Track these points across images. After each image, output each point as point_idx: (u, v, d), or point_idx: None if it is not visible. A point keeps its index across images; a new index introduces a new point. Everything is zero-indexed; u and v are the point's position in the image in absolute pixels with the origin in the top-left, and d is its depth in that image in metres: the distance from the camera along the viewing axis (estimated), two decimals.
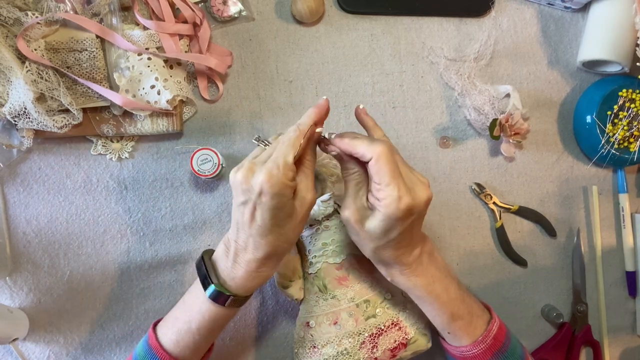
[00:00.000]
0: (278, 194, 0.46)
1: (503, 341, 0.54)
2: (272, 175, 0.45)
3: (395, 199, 0.46)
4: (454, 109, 0.69)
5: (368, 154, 0.47)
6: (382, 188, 0.46)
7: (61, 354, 0.63)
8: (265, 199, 0.46)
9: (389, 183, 0.46)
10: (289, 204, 0.47)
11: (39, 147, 0.64)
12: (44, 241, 0.64)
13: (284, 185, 0.46)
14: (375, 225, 0.48)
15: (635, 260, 0.71)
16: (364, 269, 0.58)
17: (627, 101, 0.67)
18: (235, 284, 0.50)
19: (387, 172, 0.46)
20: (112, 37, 0.60)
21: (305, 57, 0.68)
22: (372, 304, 0.56)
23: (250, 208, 0.47)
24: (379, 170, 0.46)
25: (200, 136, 0.66)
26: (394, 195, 0.46)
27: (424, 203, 0.48)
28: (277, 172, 0.46)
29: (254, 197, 0.46)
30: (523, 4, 0.71)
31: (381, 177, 0.46)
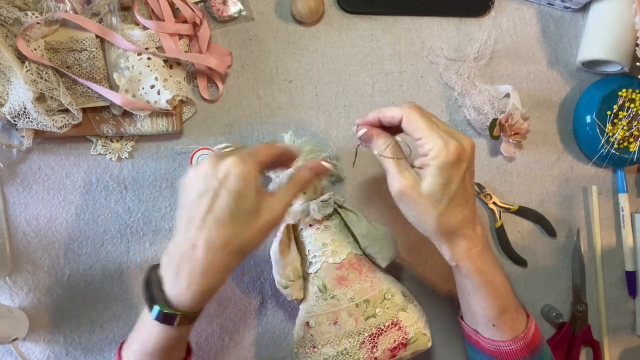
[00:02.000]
0: (244, 178, 0.44)
1: (539, 341, 0.54)
2: (243, 159, 0.44)
3: (441, 145, 0.46)
4: (454, 108, 0.69)
5: (397, 113, 0.48)
6: (425, 141, 0.46)
7: (61, 354, 0.63)
8: (230, 182, 0.43)
9: (430, 134, 0.46)
10: (252, 197, 0.44)
11: (38, 147, 0.64)
12: (44, 241, 0.64)
13: (251, 172, 0.44)
14: (431, 182, 0.47)
15: (635, 260, 0.71)
16: (364, 268, 0.58)
17: (627, 101, 0.67)
18: (180, 300, 0.45)
19: (423, 124, 0.47)
20: (112, 37, 0.60)
21: (305, 57, 0.68)
22: (372, 304, 0.56)
23: (209, 196, 0.44)
24: (415, 124, 0.47)
25: (200, 136, 0.66)
26: (439, 142, 0.46)
27: (470, 147, 0.48)
28: (248, 158, 0.45)
29: (216, 183, 0.44)
30: (523, 4, 0.71)
31: (420, 131, 0.47)
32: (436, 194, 0.47)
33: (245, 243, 0.45)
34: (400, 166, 0.49)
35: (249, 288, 0.66)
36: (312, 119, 0.67)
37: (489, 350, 0.54)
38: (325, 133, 0.67)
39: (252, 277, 0.66)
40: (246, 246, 0.46)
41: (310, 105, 0.67)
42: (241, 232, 0.45)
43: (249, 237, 0.45)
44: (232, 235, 0.44)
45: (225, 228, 0.44)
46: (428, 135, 0.46)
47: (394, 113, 0.49)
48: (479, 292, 0.52)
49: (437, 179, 0.46)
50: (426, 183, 0.47)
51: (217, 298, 0.66)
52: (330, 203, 0.58)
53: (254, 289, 0.66)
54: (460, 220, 0.49)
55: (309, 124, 0.67)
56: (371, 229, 0.59)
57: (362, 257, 0.59)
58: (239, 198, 0.44)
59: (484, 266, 0.51)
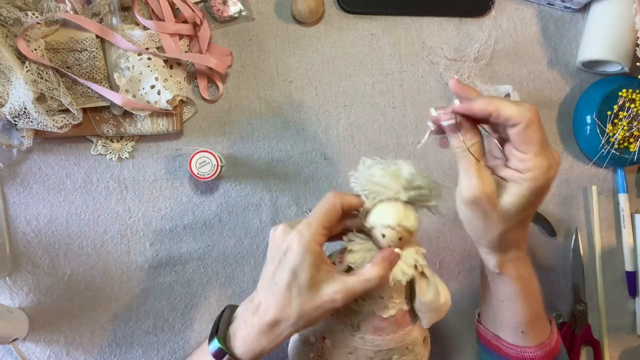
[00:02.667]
0: (301, 253, 0.43)
1: (560, 346, 0.54)
2: (301, 235, 0.44)
3: (545, 169, 0.41)
4: None
5: (517, 117, 0.41)
6: (529, 158, 0.41)
7: (61, 354, 0.63)
8: (289, 255, 0.44)
9: (539, 153, 0.41)
10: (309, 273, 0.44)
11: (39, 147, 0.64)
12: (44, 241, 0.64)
13: (309, 247, 0.43)
14: (514, 201, 0.43)
15: (635, 260, 0.71)
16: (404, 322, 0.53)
17: (627, 101, 0.67)
18: (237, 343, 0.46)
19: (539, 140, 0.41)
20: (112, 37, 0.60)
21: (305, 57, 0.68)
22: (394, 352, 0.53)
23: (275, 264, 0.45)
24: (528, 138, 0.41)
25: (200, 136, 0.66)
26: (544, 165, 0.41)
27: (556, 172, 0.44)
28: (307, 232, 0.44)
29: (280, 254, 0.44)
30: (523, 4, 0.71)
31: (530, 146, 0.41)
32: (514, 212, 0.43)
33: (298, 317, 0.44)
34: (481, 170, 0.43)
35: (250, 288, 0.66)
36: (312, 119, 0.67)
37: (511, 356, 0.53)
38: (325, 133, 0.67)
39: (253, 277, 0.66)
40: (299, 320, 0.45)
41: (310, 105, 0.67)
42: (296, 303, 0.44)
43: (303, 310, 0.44)
44: (285, 303, 0.44)
45: (281, 296, 0.44)
46: (537, 154, 0.41)
47: (512, 115, 0.41)
48: (516, 299, 0.50)
49: (522, 200, 0.43)
50: (508, 199, 0.43)
51: (218, 298, 0.66)
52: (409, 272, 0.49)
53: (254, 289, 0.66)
54: (522, 237, 0.47)
55: (309, 124, 0.67)
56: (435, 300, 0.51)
57: (407, 312, 0.53)
58: (295, 273, 0.44)
59: (525, 272, 0.49)
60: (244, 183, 0.66)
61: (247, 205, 0.66)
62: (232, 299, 0.66)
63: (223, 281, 0.66)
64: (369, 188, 0.47)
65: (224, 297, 0.66)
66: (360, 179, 0.48)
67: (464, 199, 0.44)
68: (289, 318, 0.45)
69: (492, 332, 0.55)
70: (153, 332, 0.65)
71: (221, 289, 0.66)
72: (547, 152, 0.42)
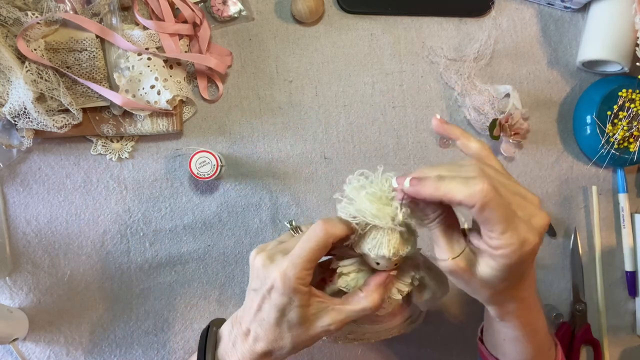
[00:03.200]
0: (287, 295, 0.42)
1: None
2: (285, 276, 0.42)
3: (517, 246, 0.38)
4: (454, 108, 0.69)
5: (468, 200, 0.37)
6: (496, 237, 0.38)
7: (61, 354, 0.63)
8: (274, 295, 0.42)
9: (505, 230, 0.38)
10: (298, 311, 0.43)
11: (39, 147, 0.64)
12: (44, 241, 0.64)
13: (295, 289, 0.42)
14: (490, 274, 0.40)
15: (635, 260, 0.71)
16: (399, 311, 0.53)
17: (627, 101, 0.67)
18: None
19: (500, 218, 0.37)
20: (112, 37, 0.60)
21: (305, 57, 0.68)
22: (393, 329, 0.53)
23: (259, 297, 0.44)
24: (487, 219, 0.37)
25: (200, 136, 0.66)
26: (515, 242, 0.38)
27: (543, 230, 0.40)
28: (292, 272, 0.41)
29: (264, 289, 0.43)
30: (523, 4, 0.71)
31: (493, 226, 0.38)
32: (495, 282, 0.41)
33: (292, 348, 0.44)
34: (451, 242, 0.41)
35: None
36: (312, 119, 0.67)
37: None
38: (325, 133, 0.67)
39: None
40: (293, 349, 0.45)
41: (310, 105, 0.67)
42: (287, 338, 0.44)
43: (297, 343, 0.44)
44: (277, 338, 0.44)
45: (271, 333, 0.44)
46: (502, 232, 0.38)
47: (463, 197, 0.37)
48: (518, 342, 0.48)
49: (499, 273, 0.40)
50: (485, 271, 0.40)
51: (218, 298, 0.66)
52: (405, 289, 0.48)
53: None
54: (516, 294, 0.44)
55: (309, 124, 0.67)
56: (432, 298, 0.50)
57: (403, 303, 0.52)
58: (283, 312, 0.43)
59: (530, 317, 0.46)
60: (243, 183, 0.66)
61: (247, 205, 0.66)
62: (232, 299, 0.66)
63: (223, 281, 0.66)
64: (359, 217, 0.42)
65: (224, 297, 0.66)
66: (348, 208, 0.43)
67: (442, 268, 0.42)
68: (282, 349, 0.44)
69: (495, 356, 0.52)
70: (153, 332, 0.65)
71: (221, 289, 0.66)
72: (516, 225, 0.38)
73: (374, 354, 0.67)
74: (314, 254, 0.42)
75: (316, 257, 0.43)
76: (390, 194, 0.42)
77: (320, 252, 0.43)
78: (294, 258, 0.42)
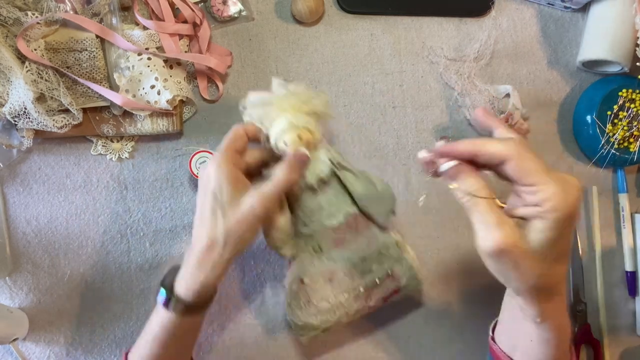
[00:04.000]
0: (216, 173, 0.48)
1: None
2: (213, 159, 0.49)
3: (562, 197, 0.37)
4: (454, 108, 0.69)
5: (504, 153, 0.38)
6: (540, 188, 0.38)
7: (61, 354, 0.63)
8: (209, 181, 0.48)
9: (546, 180, 0.38)
10: (226, 188, 0.48)
11: (39, 147, 0.64)
12: (44, 241, 0.64)
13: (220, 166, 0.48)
14: (543, 238, 0.39)
15: (635, 260, 0.71)
16: (361, 225, 0.56)
17: (627, 101, 0.67)
18: (181, 286, 0.49)
19: (539, 168, 0.38)
20: (112, 37, 0.60)
21: (305, 57, 0.68)
22: (369, 260, 0.56)
23: (201, 198, 0.49)
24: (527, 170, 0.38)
25: (200, 136, 0.66)
26: (559, 192, 0.37)
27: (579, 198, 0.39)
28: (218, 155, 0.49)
29: (203, 187, 0.49)
30: (523, 4, 0.71)
31: (534, 177, 0.38)
32: (546, 252, 0.39)
33: (226, 236, 0.47)
34: (499, 216, 0.39)
35: (249, 288, 0.66)
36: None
37: None
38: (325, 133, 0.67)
39: (252, 277, 0.66)
40: (227, 239, 0.48)
41: None
42: (221, 225, 0.47)
43: (229, 229, 0.47)
44: (213, 228, 0.48)
45: (209, 223, 0.48)
46: (545, 182, 0.38)
47: (497, 149, 0.39)
48: (547, 344, 0.45)
49: (551, 234, 0.38)
50: (536, 239, 0.39)
51: (217, 298, 0.66)
52: (325, 167, 0.54)
53: (254, 289, 0.66)
54: (561, 277, 0.42)
55: None
56: (369, 189, 0.55)
57: (358, 215, 0.56)
58: (215, 195, 0.48)
59: (564, 320, 0.45)
60: None
61: None
62: (232, 298, 0.66)
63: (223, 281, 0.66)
64: (257, 113, 0.53)
65: (223, 297, 0.66)
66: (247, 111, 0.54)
67: (487, 252, 0.40)
68: (217, 240, 0.47)
69: (509, 356, 0.49)
70: None
71: (220, 288, 0.66)
72: (556, 177, 0.39)
73: (374, 354, 0.67)
74: (233, 139, 0.51)
75: (236, 143, 0.51)
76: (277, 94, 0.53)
77: (237, 138, 0.51)
78: (218, 149, 0.50)
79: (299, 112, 0.52)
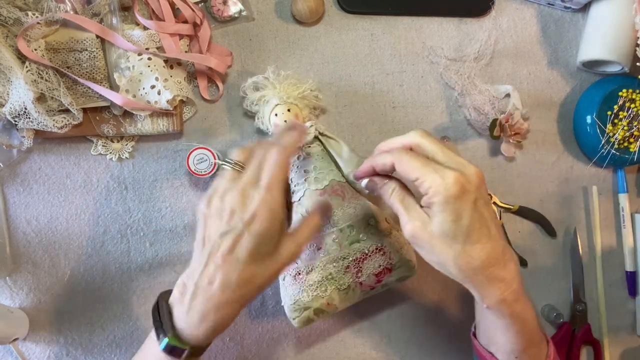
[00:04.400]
0: (272, 219, 0.43)
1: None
2: (269, 199, 0.43)
3: (439, 180, 0.42)
4: (454, 108, 0.69)
5: (388, 159, 0.45)
6: (421, 180, 0.43)
7: (61, 354, 0.63)
8: (256, 224, 0.43)
9: (424, 171, 0.43)
10: (276, 239, 0.44)
11: (39, 147, 0.64)
12: (44, 241, 0.64)
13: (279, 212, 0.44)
14: (440, 220, 0.43)
15: (635, 260, 0.71)
16: (348, 195, 0.58)
17: (627, 101, 0.67)
18: (190, 333, 0.45)
19: (416, 163, 0.44)
20: (112, 37, 0.60)
21: (305, 57, 0.68)
22: (356, 229, 0.57)
23: (232, 238, 0.43)
24: (406, 167, 0.44)
25: (201, 136, 0.66)
26: (436, 177, 0.42)
27: (475, 175, 0.44)
28: (274, 194, 0.43)
29: (241, 225, 0.43)
30: (523, 4, 0.71)
31: (414, 171, 0.44)
32: (448, 232, 0.43)
33: (261, 283, 0.45)
34: (408, 208, 0.46)
35: None
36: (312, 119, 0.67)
37: None
38: None
39: None
40: (261, 285, 0.45)
41: None
42: (259, 273, 0.44)
43: (267, 277, 0.45)
44: (250, 276, 0.44)
45: (245, 270, 0.44)
46: (423, 173, 0.43)
47: (384, 160, 0.46)
48: (508, 331, 0.48)
49: (444, 215, 0.43)
50: (435, 222, 0.43)
51: None
52: (311, 131, 0.59)
53: None
54: (484, 259, 0.44)
55: None
56: (352, 156, 0.60)
57: (345, 184, 0.59)
58: (262, 241, 0.44)
59: (517, 307, 0.47)
60: None
61: None
62: None
63: None
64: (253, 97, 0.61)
65: None
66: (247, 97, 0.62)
67: (408, 239, 0.46)
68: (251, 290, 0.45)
69: (487, 350, 0.53)
70: None
71: None
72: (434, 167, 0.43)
73: (374, 354, 0.67)
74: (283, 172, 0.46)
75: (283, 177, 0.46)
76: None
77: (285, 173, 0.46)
78: (269, 183, 0.44)
79: (289, 93, 0.59)
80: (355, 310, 0.66)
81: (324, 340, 0.66)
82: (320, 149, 0.60)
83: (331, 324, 0.66)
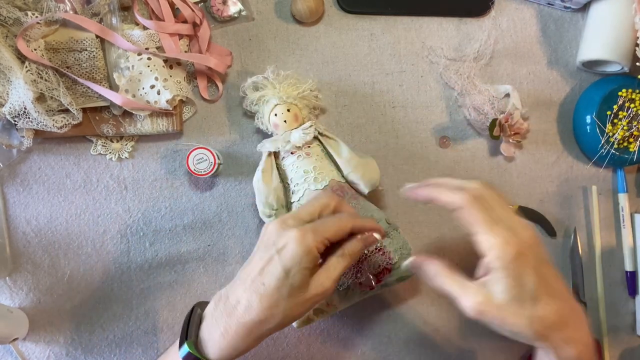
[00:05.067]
0: (299, 256, 0.43)
1: None
2: (304, 237, 0.44)
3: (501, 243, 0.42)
4: (454, 108, 0.69)
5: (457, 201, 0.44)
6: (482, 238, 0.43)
7: (61, 354, 0.63)
8: (285, 254, 0.43)
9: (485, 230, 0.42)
10: (303, 275, 0.44)
11: (38, 147, 0.64)
12: (44, 241, 0.64)
13: (310, 250, 0.43)
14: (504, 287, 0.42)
15: (635, 260, 0.71)
16: (347, 195, 0.58)
17: (626, 101, 0.67)
18: (212, 346, 0.45)
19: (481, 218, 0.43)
20: (112, 37, 0.60)
21: (305, 57, 0.68)
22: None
23: (264, 261, 0.44)
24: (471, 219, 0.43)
25: (200, 136, 0.66)
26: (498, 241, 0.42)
27: (529, 238, 0.43)
28: (311, 236, 0.44)
29: (274, 251, 0.44)
30: (523, 4, 0.71)
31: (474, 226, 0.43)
32: (516, 297, 0.42)
33: (285, 313, 0.45)
34: (463, 285, 0.44)
35: None
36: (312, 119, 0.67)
37: None
38: None
39: None
40: (286, 315, 0.45)
41: None
42: (282, 304, 0.44)
43: (292, 308, 0.45)
44: (274, 303, 0.44)
45: (271, 295, 0.44)
46: (485, 232, 0.42)
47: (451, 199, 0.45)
48: None
49: (507, 280, 0.42)
50: (499, 290, 0.42)
51: None
52: (311, 131, 0.59)
53: None
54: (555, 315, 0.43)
55: None
56: (352, 155, 0.60)
57: (344, 185, 0.60)
58: (288, 274, 0.44)
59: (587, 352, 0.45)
60: (244, 183, 0.66)
61: (247, 205, 0.66)
62: None
63: (223, 281, 0.66)
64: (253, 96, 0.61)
65: None
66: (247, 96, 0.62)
67: (473, 317, 0.43)
68: (273, 318, 0.44)
69: None
70: (153, 332, 0.65)
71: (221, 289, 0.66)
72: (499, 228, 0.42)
73: (374, 354, 0.67)
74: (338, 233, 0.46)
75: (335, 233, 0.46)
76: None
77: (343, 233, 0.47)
78: (318, 226, 0.45)
79: (289, 92, 0.60)
80: (355, 310, 0.66)
81: (324, 340, 0.66)
82: (320, 149, 0.61)
83: (331, 324, 0.66)
